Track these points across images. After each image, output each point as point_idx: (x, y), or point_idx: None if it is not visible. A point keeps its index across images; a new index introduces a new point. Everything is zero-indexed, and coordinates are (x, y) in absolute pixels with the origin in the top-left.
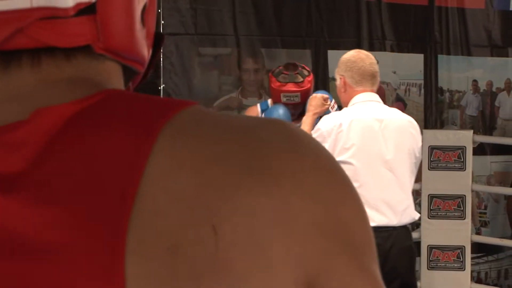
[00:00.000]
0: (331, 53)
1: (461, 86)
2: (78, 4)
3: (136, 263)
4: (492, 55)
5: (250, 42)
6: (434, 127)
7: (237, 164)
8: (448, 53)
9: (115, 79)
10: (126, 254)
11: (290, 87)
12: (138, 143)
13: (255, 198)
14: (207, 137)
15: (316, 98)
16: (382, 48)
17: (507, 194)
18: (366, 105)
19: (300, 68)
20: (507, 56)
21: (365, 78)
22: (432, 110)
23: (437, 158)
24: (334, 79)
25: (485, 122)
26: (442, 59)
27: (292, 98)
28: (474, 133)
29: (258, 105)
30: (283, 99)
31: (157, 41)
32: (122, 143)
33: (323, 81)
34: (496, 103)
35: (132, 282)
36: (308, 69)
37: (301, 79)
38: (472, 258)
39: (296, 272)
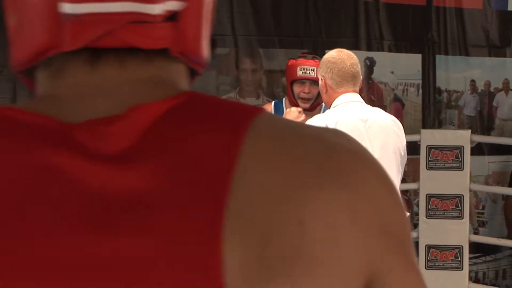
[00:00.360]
0: None
1: (459, 86)
2: (165, 12)
3: (232, 247)
4: (490, 55)
5: (248, 42)
6: (432, 127)
7: (314, 165)
8: (446, 53)
9: (184, 79)
10: (224, 238)
11: (307, 61)
12: (228, 140)
13: (333, 198)
14: (285, 140)
15: (291, 112)
16: (380, 48)
17: (505, 194)
18: (349, 106)
19: (317, 56)
20: (505, 56)
21: (346, 79)
22: (430, 110)
23: (435, 158)
24: None
25: (483, 122)
26: (440, 59)
27: (308, 72)
28: (472, 133)
29: (273, 103)
30: (299, 73)
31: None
32: (212, 139)
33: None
34: (494, 103)
35: (228, 264)
36: None
37: (318, 59)
38: (470, 258)
39: (360, 266)
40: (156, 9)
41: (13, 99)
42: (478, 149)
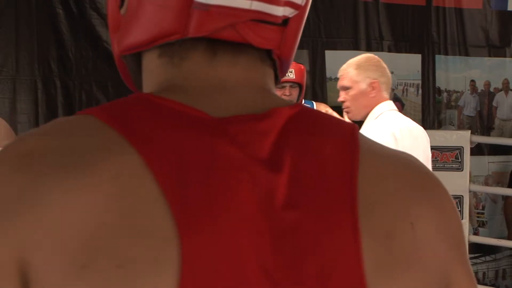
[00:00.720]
0: (328, 53)
1: (459, 86)
2: (284, 16)
3: (366, 242)
4: (489, 55)
5: None
6: (432, 127)
7: (409, 180)
8: (446, 53)
9: (273, 85)
10: (361, 239)
11: None
12: (348, 147)
13: (426, 212)
14: (385, 155)
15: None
16: (380, 48)
17: (504, 194)
18: (397, 114)
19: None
20: (504, 56)
21: (389, 86)
22: (429, 110)
23: (434, 158)
24: (331, 79)
25: (483, 122)
26: (439, 59)
27: (287, 74)
28: (471, 133)
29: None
30: None
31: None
32: (334, 145)
33: (320, 82)
34: (494, 103)
35: (366, 254)
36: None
37: (297, 62)
38: (469, 258)
39: (440, 273)
40: (280, 12)
41: (13, 99)
42: (478, 150)
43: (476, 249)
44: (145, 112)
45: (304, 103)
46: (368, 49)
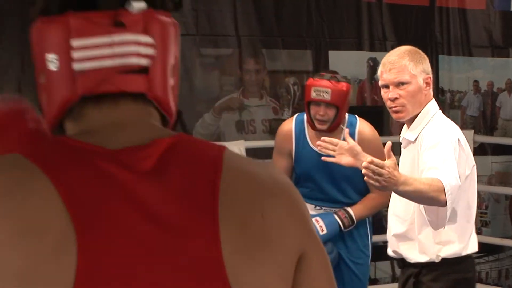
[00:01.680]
0: (332, 54)
1: (462, 86)
2: (139, 65)
3: (224, 232)
4: (493, 56)
5: (251, 43)
6: None
7: (262, 183)
8: (449, 54)
9: (157, 118)
10: (220, 232)
11: (322, 81)
12: (213, 164)
13: (278, 202)
14: (244, 168)
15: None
16: (383, 49)
17: (508, 194)
18: (444, 117)
19: (338, 75)
20: (508, 56)
21: None
22: None
23: None
24: None
25: (486, 122)
26: (443, 59)
27: (322, 94)
28: (475, 133)
29: (294, 118)
30: (313, 94)
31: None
32: (201, 166)
33: None
34: (497, 104)
35: (223, 240)
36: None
37: (337, 79)
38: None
39: (296, 246)
40: (134, 61)
41: None
42: (481, 149)
43: (480, 249)
44: (58, 150)
45: (348, 118)
46: (372, 49)
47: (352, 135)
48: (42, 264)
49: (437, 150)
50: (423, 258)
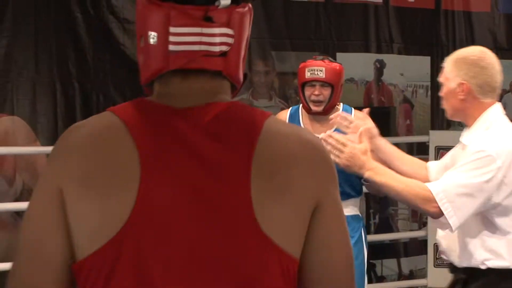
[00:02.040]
0: (339, 56)
1: None
2: (220, 51)
3: (254, 179)
4: (497, 57)
5: (261, 45)
6: (441, 128)
7: (293, 144)
8: None
9: (228, 91)
10: (251, 177)
11: (315, 62)
12: (254, 126)
13: (305, 160)
14: (281, 132)
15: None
16: (390, 51)
17: None
18: (507, 121)
19: (330, 58)
20: None
21: (495, 88)
22: (438, 112)
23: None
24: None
25: None
26: None
27: (316, 73)
28: None
29: (289, 110)
30: (307, 74)
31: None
32: (245, 124)
33: None
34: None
35: (253, 185)
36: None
37: (329, 60)
38: None
39: (314, 193)
40: (217, 49)
41: (33, 100)
42: None
43: None
44: (139, 107)
45: (343, 106)
46: (379, 51)
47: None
48: (111, 194)
49: (464, 162)
50: (468, 264)
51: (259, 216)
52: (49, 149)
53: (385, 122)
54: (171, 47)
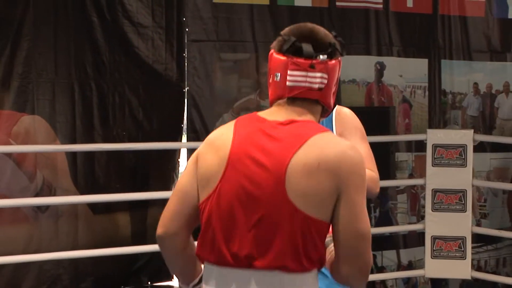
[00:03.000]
0: (342, 59)
1: (463, 88)
2: (318, 88)
3: (289, 175)
4: (491, 60)
5: (268, 48)
6: (438, 126)
7: (331, 167)
8: (451, 58)
9: (316, 113)
10: (288, 167)
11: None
12: (304, 137)
13: (331, 159)
14: (319, 145)
15: None
16: (389, 53)
17: (505, 189)
18: None
19: None
20: (505, 60)
21: None
22: (435, 111)
23: (440, 155)
24: (345, 82)
25: (485, 122)
26: (445, 63)
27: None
28: (474, 132)
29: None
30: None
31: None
32: (302, 134)
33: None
34: (495, 104)
35: (287, 184)
36: None
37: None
38: (472, 248)
39: (336, 186)
40: (317, 86)
41: (52, 101)
42: (480, 147)
43: (479, 239)
44: (249, 115)
45: None
46: (379, 54)
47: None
48: (213, 171)
49: None
50: None
51: (288, 188)
52: (67, 147)
53: (385, 121)
54: (288, 83)
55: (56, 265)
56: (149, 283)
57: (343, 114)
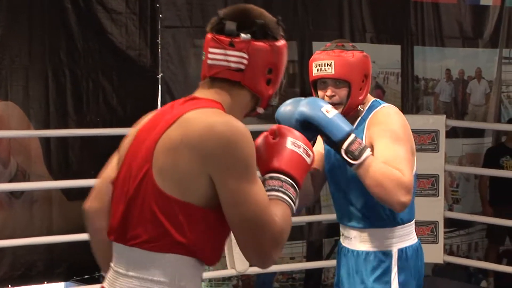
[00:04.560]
0: (315, 44)
1: (435, 74)
2: (237, 68)
3: (160, 144)
4: (464, 46)
5: None
6: (410, 112)
7: (194, 144)
8: (423, 44)
9: (241, 97)
10: (157, 146)
11: (321, 54)
12: (174, 116)
13: (193, 141)
14: (189, 118)
15: None
16: (363, 40)
17: (477, 173)
18: None
19: (348, 44)
20: (477, 47)
21: None
22: (408, 97)
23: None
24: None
25: (457, 107)
26: (417, 49)
27: (323, 68)
28: (447, 117)
29: None
30: (314, 71)
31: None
32: (175, 113)
33: (308, 70)
34: (468, 90)
35: (154, 161)
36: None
37: (343, 48)
38: (444, 232)
39: (203, 168)
40: (234, 66)
41: (26, 87)
42: (452, 132)
43: (451, 223)
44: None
45: (372, 102)
46: (352, 40)
47: (365, 118)
48: (123, 149)
49: None
50: None
51: (154, 165)
52: (41, 132)
53: None
54: (208, 61)
55: (30, 251)
56: None
57: (376, 115)
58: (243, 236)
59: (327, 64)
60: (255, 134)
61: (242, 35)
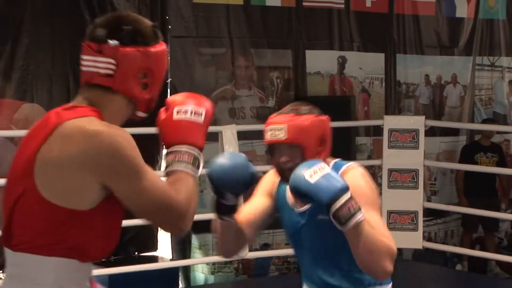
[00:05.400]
0: (308, 53)
1: (415, 79)
2: (106, 73)
3: (40, 152)
4: (441, 54)
5: (242, 43)
6: (393, 113)
7: (67, 134)
8: (405, 52)
9: (114, 103)
10: (40, 149)
11: (275, 117)
12: (55, 125)
13: (71, 147)
14: (66, 127)
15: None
16: (350, 48)
17: (453, 168)
18: None
19: (305, 107)
20: (453, 55)
21: None
22: (391, 100)
23: (395, 139)
24: (310, 74)
25: (435, 109)
26: (399, 57)
27: (275, 133)
28: (426, 118)
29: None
30: (267, 136)
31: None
32: (53, 119)
33: (302, 76)
34: (444, 94)
35: (38, 158)
36: (317, 111)
37: (297, 112)
38: (424, 221)
39: (93, 173)
40: (103, 71)
41: (50, 89)
42: (431, 132)
43: (429, 213)
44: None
45: (334, 163)
46: (341, 49)
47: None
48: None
49: None
50: None
51: (37, 180)
52: None
53: (346, 109)
54: (82, 68)
55: None
56: (136, 253)
57: (344, 179)
58: (153, 220)
59: (279, 129)
60: (253, 134)
61: (109, 41)
